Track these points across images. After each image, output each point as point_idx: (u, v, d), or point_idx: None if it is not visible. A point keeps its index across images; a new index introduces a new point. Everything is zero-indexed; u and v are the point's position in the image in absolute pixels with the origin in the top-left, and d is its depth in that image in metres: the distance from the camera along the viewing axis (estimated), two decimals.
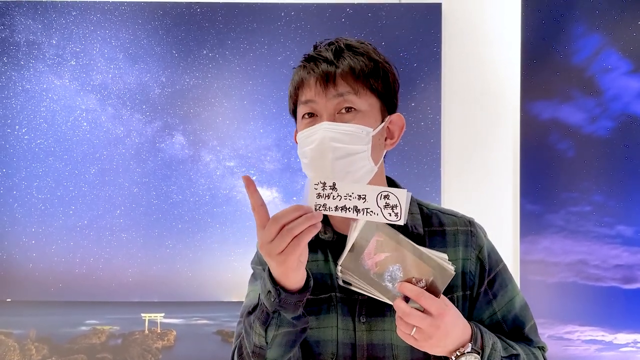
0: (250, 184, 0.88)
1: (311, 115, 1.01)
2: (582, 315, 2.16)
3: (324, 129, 0.96)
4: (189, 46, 2.26)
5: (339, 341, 1.04)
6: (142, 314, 2.26)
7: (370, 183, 1.02)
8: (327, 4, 2.26)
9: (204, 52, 2.26)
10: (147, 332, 2.27)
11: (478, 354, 0.94)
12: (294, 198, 2.27)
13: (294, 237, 0.84)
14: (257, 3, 2.26)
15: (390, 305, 0.99)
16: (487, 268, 1.07)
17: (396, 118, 1.06)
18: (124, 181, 2.26)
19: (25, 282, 2.24)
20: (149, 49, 2.26)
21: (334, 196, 0.89)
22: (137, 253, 2.25)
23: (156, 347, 2.26)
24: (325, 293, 1.05)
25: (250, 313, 0.99)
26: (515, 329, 1.08)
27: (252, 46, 2.26)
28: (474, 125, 2.27)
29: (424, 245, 1.03)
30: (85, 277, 2.24)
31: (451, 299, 1.01)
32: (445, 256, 0.92)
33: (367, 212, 0.89)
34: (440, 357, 1.00)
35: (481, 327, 1.00)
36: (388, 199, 0.89)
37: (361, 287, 0.94)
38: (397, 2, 2.27)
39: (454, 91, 2.27)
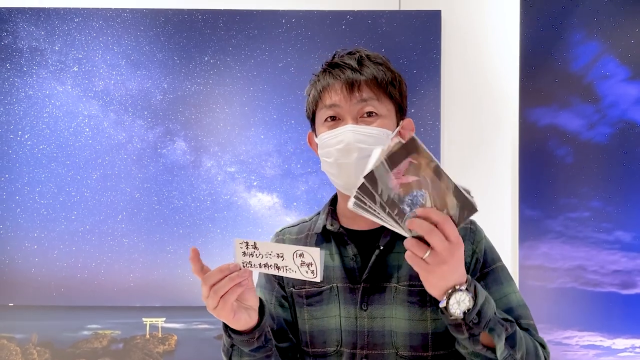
0: (194, 256, 0.97)
1: (333, 119, 1.07)
2: (581, 320, 2.17)
3: (349, 131, 1.03)
4: (190, 53, 2.27)
5: (343, 329, 1.08)
6: (144, 319, 2.28)
7: None
8: (328, 11, 2.28)
9: (206, 58, 2.28)
10: (148, 336, 2.28)
11: (472, 299, 0.90)
12: (294, 204, 2.28)
13: (221, 297, 0.94)
14: (258, 10, 2.28)
15: (391, 293, 1.05)
16: (481, 261, 1.09)
17: (407, 122, 1.13)
18: (125, 186, 2.27)
19: (28, 287, 2.25)
20: (150, 55, 2.27)
21: (256, 254, 0.95)
22: (138, 258, 2.27)
23: (157, 351, 2.27)
24: (327, 284, 1.11)
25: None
26: None
27: (253, 53, 2.28)
28: (473, 131, 2.28)
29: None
30: (87, 282, 2.26)
31: None
32: (470, 190, 0.88)
33: (286, 269, 0.94)
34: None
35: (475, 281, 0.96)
36: (303, 257, 0.92)
37: (373, 210, 0.87)
38: (397, 9, 2.29)
39: (453, 98, 2.29)
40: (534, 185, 2.19)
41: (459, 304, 0.89)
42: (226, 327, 1.03)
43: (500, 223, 2.23)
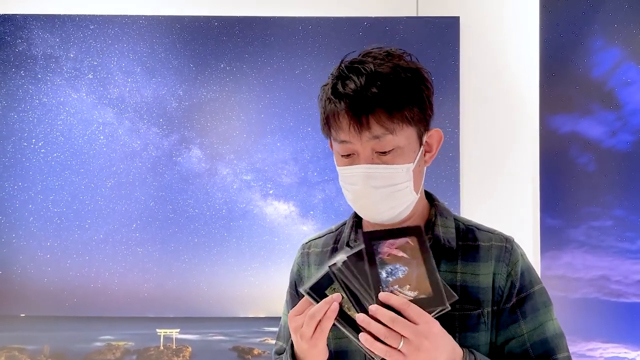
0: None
1: (348, 155, 0.98)
2: (605, 331, 2.13)
3: (363, 173, 0.95)
4: (206, 60, 2.26)
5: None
6: (158, 330, 2.24)
7: (413, 208, 1.03)
8: (345, 17, 2.26)
9: (222, 65, 2.26)
10: (162, 348, 2.24)
11: None
12: (311, 212, 2.25)
13: (318, 323, 0.88)
14: (275, 17, 2.26)
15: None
16: (517, 285, 1.02)
17: (433, 135, 1.03)
18: (140, 195, 2.25)
19: (40, 297, 2.22)
20: (166, 62, 2.26)
21: None
22: (152, 268, 2.23)
23: None
24: None
25: (278, 353, 1.09)
26: (542, 356, 1.00)
27: (270, 60, 2.26)
28: (493, 139, 2.25)
29: (456, 260, 1.02)
30: (100, 292, 2.22)
31: (481, 314, 0.99)
32: (453, 294, 0.89)
33: None
34: None
35: (475, 352, 0.93)
36: None
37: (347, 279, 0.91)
38: (415, 15, 2.27)
39: (472, 105, 2.26)
40: (556, 193, 2.16)
41: None
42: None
43: (521, 232, 2.19)
